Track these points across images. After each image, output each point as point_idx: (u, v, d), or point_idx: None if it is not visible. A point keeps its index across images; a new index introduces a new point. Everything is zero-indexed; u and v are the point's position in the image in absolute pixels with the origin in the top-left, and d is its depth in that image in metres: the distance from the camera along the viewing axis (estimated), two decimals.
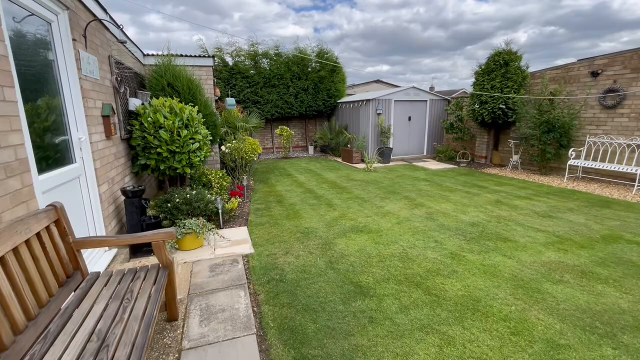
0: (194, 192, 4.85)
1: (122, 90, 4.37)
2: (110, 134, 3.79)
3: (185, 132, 4.62)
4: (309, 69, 12.97)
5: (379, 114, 10.79)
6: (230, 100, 7.57)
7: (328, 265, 3.67)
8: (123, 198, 3.95)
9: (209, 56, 6.92)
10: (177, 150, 4.61)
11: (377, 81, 16.47)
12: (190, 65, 6.73)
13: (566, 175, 7.86)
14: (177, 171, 4.78)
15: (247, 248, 4.22)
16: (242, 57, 12.05)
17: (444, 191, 7.04)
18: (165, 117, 4.55)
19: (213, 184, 6.01)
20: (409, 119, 11.47)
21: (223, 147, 7.84)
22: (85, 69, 3.31)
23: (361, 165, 10.47)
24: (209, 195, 4.97)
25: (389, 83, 16.53)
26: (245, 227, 5.04)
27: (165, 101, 4.75)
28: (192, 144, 4.78)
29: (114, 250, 3.63)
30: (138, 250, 3.93)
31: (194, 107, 5.13)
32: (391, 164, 10.81)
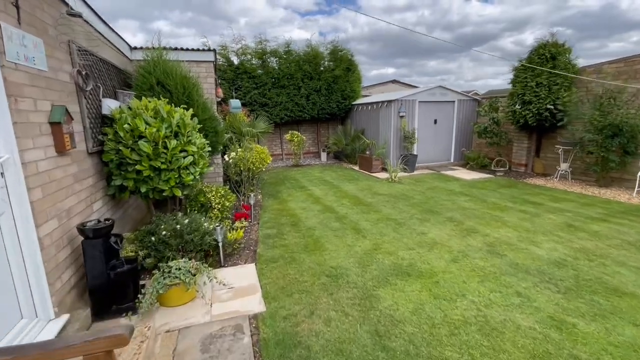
0: (187, 220, 3.72)
1: (88, 89, 3.27)
2: (63, 148, 2.68)
3: (174, 142, 3.50)
4: (322, 68, 11.85)
5: (401, 116, 9.60)
6: (235, 103, 6.48)
7: (376, 342, 2.48)
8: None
9: (209, 49, 5.83)
10: (164, 167, 3.48)
11: (394, 81, 15.30)
12: (187, 61, 5.64)
13: (636, 189, 6.54)
14: (165, 194, 3.65)
15: (256, 302, 3.06)
16: (249, 56, 10.98)
17: (493, 209, 5.80)
18: (147, 123, 3.43)
19: (213, 204, 4.88)
20: (435, 121, 10.24)
21: (226, 157, 6.73)
22: (13, 53, 2.20)
23: (382, 175, 9.28)
24: (205, 224, 3.83)
25: (406, 84, 15.35)
26: (253, 264, 3.88)
27: (150, 102, 3.64)
28: (184, 157, 3.65)
29: (65, 316, 2.50)
30: (103, 308, 2.80)
31: (187, 110, 4.01)
32: (416, 172, 9.59)
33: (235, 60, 10.93)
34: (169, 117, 3.56)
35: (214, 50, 5.82)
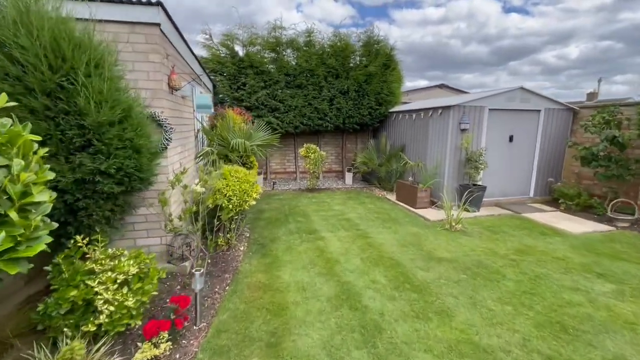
0: None
1: None
2: None
3: None
4: (351, 64, 9.15)
5: (463, 129, 6.63)
6: (202, 99, 3.90)
7: None
8: None
9: (152, 3, 3.32)
10: None
11: (441, 86, 12.31)
12: (108, 21, 3.17)
13: None
14: None
15: None
16: (258, 47, 8.54)
17: None
18: None
19: (99, 304, 2.27)
20: (510, 138, 7.15)
21: (195, 186, 4.18)
22: None
23: (432, 214, 6.32)
24: None
25: (458, 89, 12.30)
26: None
27: None
28: None
29: None
30: None
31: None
32: (483, 212, 6.53)
33: (241, 52, 8.52)
34: None
35: (160, 3, 3.31)
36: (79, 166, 2.43)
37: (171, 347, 2.44)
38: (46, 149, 1.74)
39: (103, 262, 2.48)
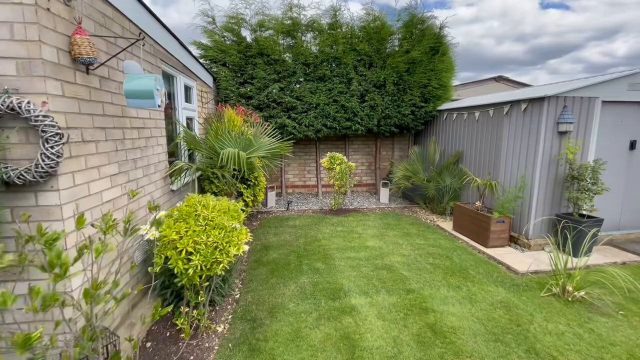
0: None
1: None
2: None
3: None
4: (388, 49, 7.16)
5: (563, 132, 4.44)
6: (135, 81, 2.14)
7: None
8: None
9: None
10: None
11: (498, 79, 9.95)
12: None
13: None
14: None
15: None
16: (271, 31, 6.79)
17: None
18: None
19: None
20: (632, 145, 4.84)
21: (152, 233, 2.41)
22: None
23: (515, 258, 4.18)
24: None
25: (520, 82, 9.88)
26: None
27: None
28: None
29: None
30: None
31: None
32: (598, 257, 4.29)
33: (249, 37, 6.81)
34: None
35: None
36: None
37: None
38: None
39: None
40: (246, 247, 2.64)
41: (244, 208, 5.21)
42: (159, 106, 2.27)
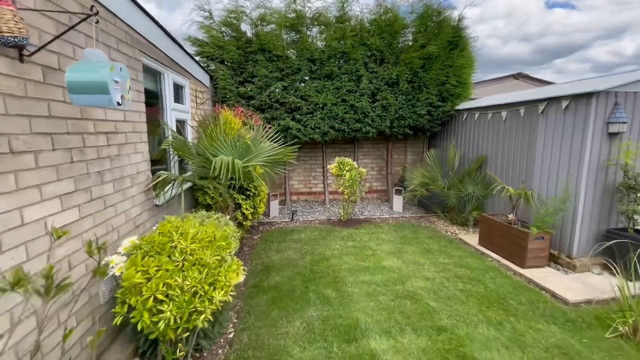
0: None
1: None
2: None
3: None
4: (401, 44, 6.54)
5: (614, 133, 3.79)
6: (94, 53, 1.58)
7: None
8: None
9: None
10: None
11: (517, 76, 9.26)
12: None
13: None
14: None
15: None
16: (273, 25, 6.21)
17: None
18: None
19: None
20: None
21: (119, 267, 1.80)
22: None
23: (560, 282, 3.53)
24: None
25: (539, 79, 9.20)
26: None
27: None
28: None
29: None
30: None
31: None
32: None
33: (249, 32, 6.24)
34: None
35: None
36: None
37: None
38: None
39: None
40: (242, 278, 2.05)
41: (241, 222, 4.63)
42: (118, 104, 1.68)
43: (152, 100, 3.65)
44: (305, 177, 7.67)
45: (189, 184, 4.38)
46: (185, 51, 4.27)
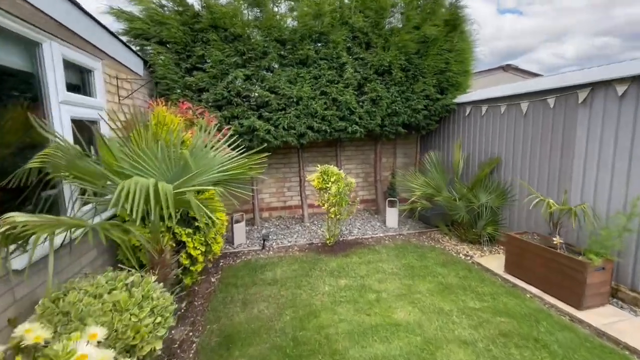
0: None
1: None
2: None
3: None
4: (390, 24, 5.39)
5: None
6: None
7: None
8: None
9: None
10: None
11: (506, 68, 8.52)
12: None
13: None
14: None
15: None
16: None
17: None
18: None
19: None
20: None
21: None
22: None
23: (625, 324, 2.49)
24: None
25: (528, 71, 8.54)
26: None
27: None
28: None
29: None
30: None
31: None
32: None
33: (197, 4, 4.77)
34: None
35: None
36: None
37: None
38: None
39: None
40: None
41: (187, 266, 3.21)
42: None
43: (20, 87, 2.16)
44: (278, 188, 6.31)
45: (109, 212, 2.92)
46: (90, 16, 2.76)
